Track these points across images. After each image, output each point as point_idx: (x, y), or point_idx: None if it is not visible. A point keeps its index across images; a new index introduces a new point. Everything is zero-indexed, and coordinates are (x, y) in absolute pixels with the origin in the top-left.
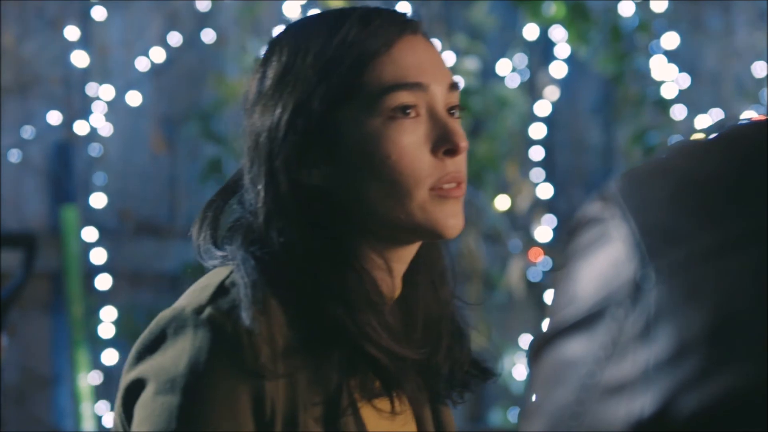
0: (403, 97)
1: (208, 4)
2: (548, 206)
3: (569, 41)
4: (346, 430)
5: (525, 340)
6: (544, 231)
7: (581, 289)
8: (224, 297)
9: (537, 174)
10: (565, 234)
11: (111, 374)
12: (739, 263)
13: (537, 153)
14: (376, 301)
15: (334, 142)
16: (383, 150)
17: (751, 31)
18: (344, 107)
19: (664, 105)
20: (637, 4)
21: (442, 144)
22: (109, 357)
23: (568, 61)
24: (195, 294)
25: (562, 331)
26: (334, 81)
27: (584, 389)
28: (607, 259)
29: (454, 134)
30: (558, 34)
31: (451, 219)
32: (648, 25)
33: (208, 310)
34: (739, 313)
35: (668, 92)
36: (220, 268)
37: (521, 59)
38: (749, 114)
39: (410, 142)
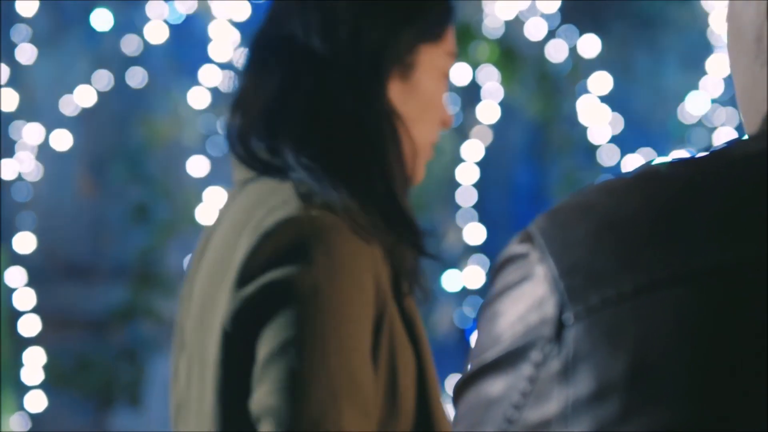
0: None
1: (136, 47)
2: (479, 249)
3: (502, 83)
4: (408, 310)
5: (451, 383)
6: (475, 274)
7: (502, 328)
8: (311, 201)
9: (468, 217)
10: (493, 271)
11: (38, 419)
12: (657, 306)
13: (469, 195)
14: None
15: (411, 69)
16: (437, 98)
17: (680, 72)
18: (427, 49)
19: (592, 147)
20: (569, 49)
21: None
22: (36, 401)
23: (501, 104)
24: (283, 208)
25: (484, 370)
26: (429, 26)
27: (506, 427)
28: (528, 299)
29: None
30: (487, 76)
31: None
32: (578, 68)
33: (316, 213)
34: (658, 356)
35: (596, 135)
36: (265, 184)
37: (452, 103)
38: (678, 154)
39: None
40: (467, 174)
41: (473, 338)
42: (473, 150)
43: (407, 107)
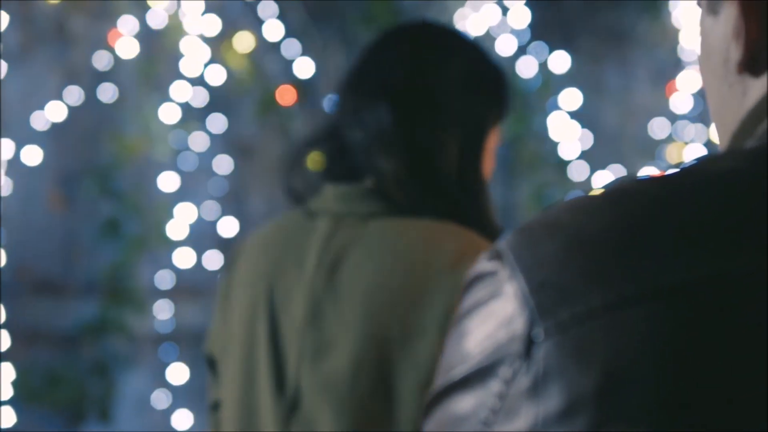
0: None
1: (107, 62)
2: None
3: None
4: None
5: None
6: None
7: (471, 346)
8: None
9: None
10: (462, 288)
11: None
12: (627, 322)
13: None
14: None
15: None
16: (490, 159)
17: (650, 89)
18: (493, 125)
19: (563, 163)
20: (540, 65)
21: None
22: (6, 417)
23: None
24: (475, 255)
25: (453, 387)
26: (498, 107)
27: None
28: (497, 317)
29: None
30: None
31: None
32: (549, 84)
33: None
34: (627, 372)
35: (566, 151)
36: (414, 223)
37: None
38: (648, 170)
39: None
40: None
41: (442, 355)
42: None
43: (485, 165)
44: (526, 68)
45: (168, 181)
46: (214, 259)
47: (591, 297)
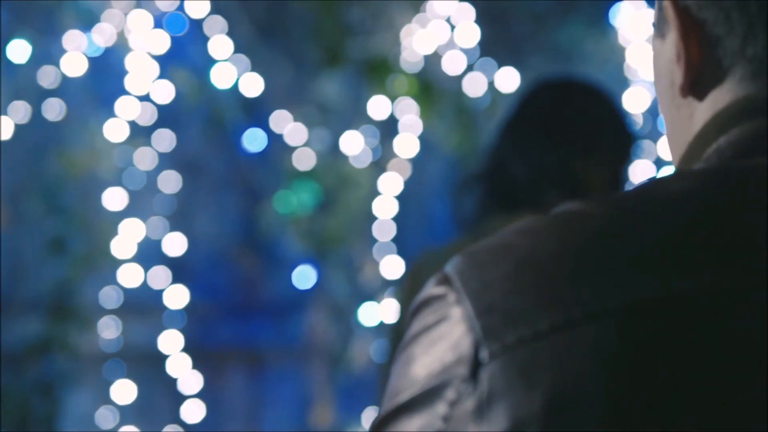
0: None
1: (54, 79)
2: (397, 283)
3: (421, 117)
4: None
5: (367, 416)
6: (392, 308)
7: (418, 369)
8: None
9: (386, 250)
10: (409, 313)
11: None
12: (573, 343)
13: (387, 229)
14: None
15: None
16: None
17: None
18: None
19: None
20: (488, 83)
21: None
22: None
23: (419, 138)
24: None
25: (399, 410)
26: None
27: None
28: (445, 340)
29: None
30: (405, 109)
31: None
32: (497, 102)
33: None
34: (574, 393)
35: None
36: None
37: (370, 136)
38: None
39: None
40: (385, 207)
41: (389, 379)
42: (392, 183)
43: None
44: (474, 86)
45: (114, 199)
46: (160, 277)
47: (538, 320)
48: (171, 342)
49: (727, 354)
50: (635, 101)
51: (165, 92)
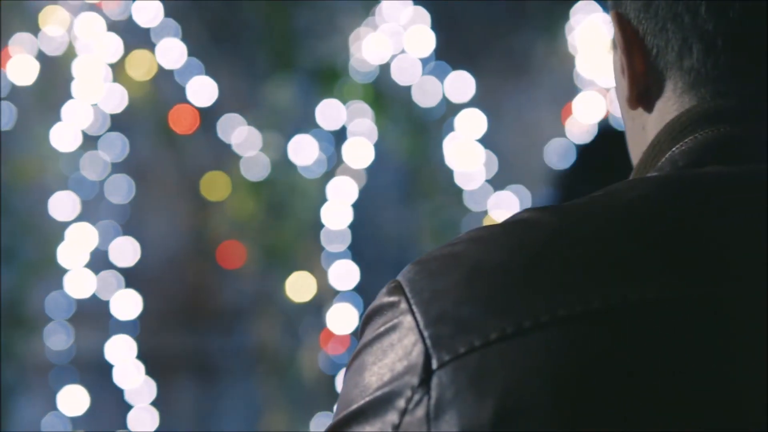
0: None
1: (2, 85)
2: (350, 293)
3: (375, 124)
4: None
5: (316, 423)
6: (344, 317)
7: (369, 378)
8: None
9: (339, 259)
10: (360, 322)
11: None
12: (523, 351)
13: (340, 237)
14: None
15: None
16: None
17: (550, 113)
18: None
19: (462, 190)
20: (441, 90)
21: None
22: None
23: (373, 145)
24: None
25: (350, 419)
26: None
27: None
28: (396, 349)
29: None
30: (359, 117)
31: None
32: (450, 110)
33: None
34: (523, 400)
35: (467, 177)
36: None
37: (324, 141)
38: (547, 195)
39: None
40: (338, 216)
41: (341, 385)
42: (345, 191)
43: None
44: (427, 93)
45: (63, 206)
46: (110, 285)
47: (488, 328)
48: (120, 350)
49: (673, 362)
50: (585, 109)
51: (115, 98)
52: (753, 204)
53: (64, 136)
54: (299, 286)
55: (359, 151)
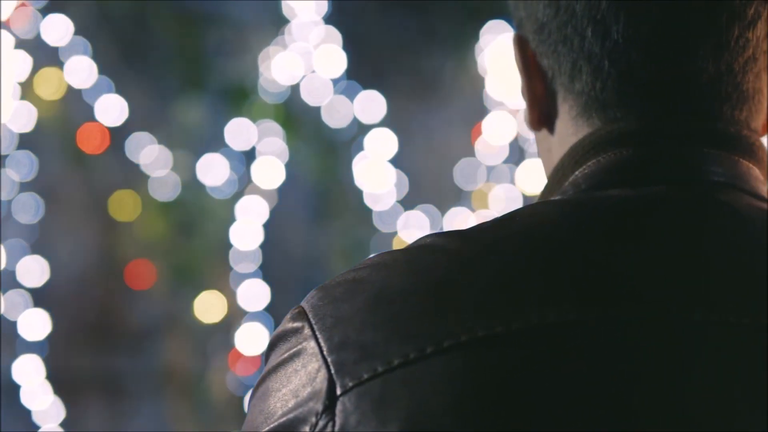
0: None
1: None
2: (260, 313)
3: (287, 143)
4: None
5: None
6: (254, 337)
7: (274, 404)
8: None
9: (252, 278)
10: (266, 347)
11: None
12: (425, 376)
13: (250, 257)
14: None
15: None
16: None
17: (460, 134)
18: None
19: (372, 210)
20: (351, 111)
21: None
22: None
23: (285, 165)
24: None
25: None
26: None
27: None
28: (300, 375)
29: None
30: (269, 137)
31: None
32: (360, 130)
33: None
34: (426, 424)
35: (377, 197)
36: None
37: (234, 160)
38: (456, 216)
39: None
40: (249, 235)
41: (247, 404)
42: (255, 211)
43: None
44: (338, 114)
45: None
46: (18, 304)
47: (391, 354)
48: (28, 370)
49: (571, 384)
50: (495, 129)
51: (24, 117)
52: (653, 227)
53: None
54: (208, 307)
55: (269, 171)
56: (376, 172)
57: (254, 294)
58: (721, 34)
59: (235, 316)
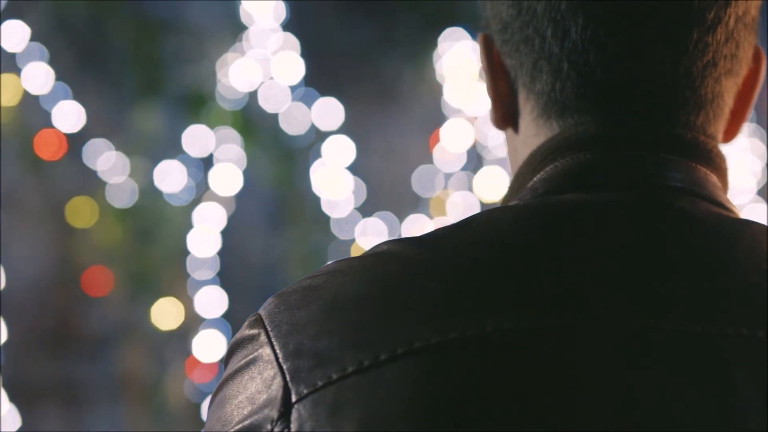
0: None
1: None
2: (218, 320)
3: (245, 150)
4: None
5: None
6: (211, 344)
7: (231, 411)
8: None
9: (209, 285)
10: (225, 354)
11: None
12: (379, 383)
13: (209, 264)
14: None
15: None
16: None
17: (418, 140)
18: None
19: (329, 217)
20: (309, 118)
21: None
22: None
23: (242, 172)
24: None
25: None
26: None
27: None
28: (256, 382)
29: None
30: (227, 143)
31: None
32: (318, 137)
33: None
34: (382, 430)
35: (335, 204)
36: None
37: (192, 166)
38: (415, 222)
39: None
40: (206, 242)
41: (206, 412)
42: (213, 218)
43: None
44: (296, 121)
45: None
46: None
47: (345, 361)
48: None
49: (525, 391)
50: (453, 136)
51: None
52: (609, 232)
53: None
54: (165, 313)
55: (227, 178)
56: (333, 179)
57: (212, 301)
58: (680, 37)
59: (193, 323)
